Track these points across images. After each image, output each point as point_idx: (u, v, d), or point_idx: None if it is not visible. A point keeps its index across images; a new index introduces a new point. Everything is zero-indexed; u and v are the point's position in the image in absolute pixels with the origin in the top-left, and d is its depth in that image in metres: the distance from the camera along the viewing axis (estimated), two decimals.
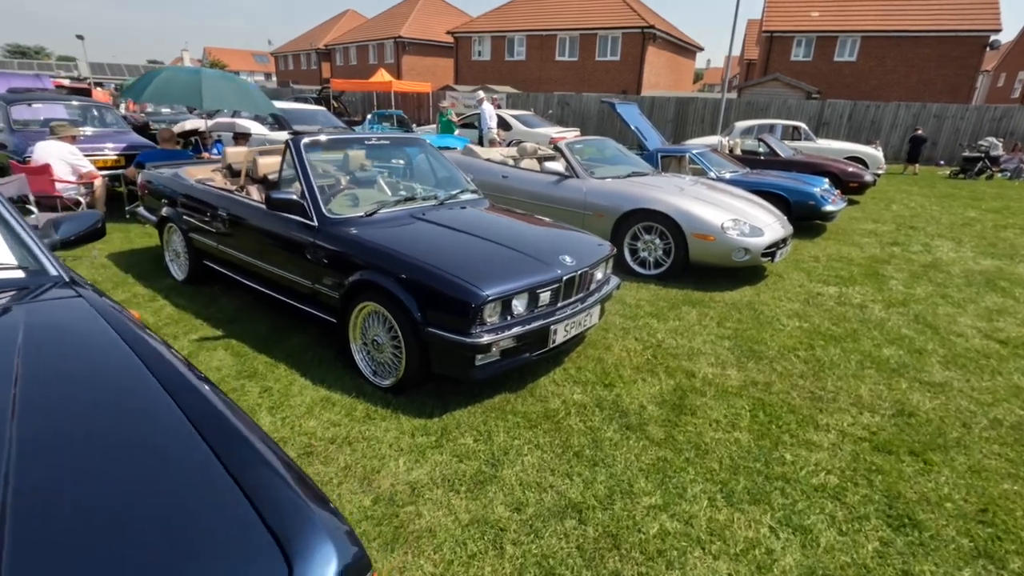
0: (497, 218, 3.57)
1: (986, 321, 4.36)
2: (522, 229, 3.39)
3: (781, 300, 4.68)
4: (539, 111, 20.78)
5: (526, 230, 3.38)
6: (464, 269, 2.70)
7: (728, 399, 3.01)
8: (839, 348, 3.73)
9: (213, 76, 6.21)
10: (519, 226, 3.44)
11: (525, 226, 3.45)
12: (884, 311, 4.51)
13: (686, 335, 3.87)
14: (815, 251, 6.43)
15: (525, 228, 3.41)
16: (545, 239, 3.26)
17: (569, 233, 3.55)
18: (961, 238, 7.32)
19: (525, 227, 3.42)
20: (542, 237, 3.29)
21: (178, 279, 4.52)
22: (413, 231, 3.14)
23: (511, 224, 3.47)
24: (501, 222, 3.49)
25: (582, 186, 5.44)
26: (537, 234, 3.33)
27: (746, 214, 5.02)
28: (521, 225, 3.46)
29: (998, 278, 5.57)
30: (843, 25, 23.31)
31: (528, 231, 3.36)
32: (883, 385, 3.23)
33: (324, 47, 40.64)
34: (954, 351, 3.76)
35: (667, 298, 4.61)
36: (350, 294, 2.96)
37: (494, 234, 3.18)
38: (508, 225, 3.44)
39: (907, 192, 11.47)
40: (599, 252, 3.34)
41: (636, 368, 3.34)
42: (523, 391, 3.02)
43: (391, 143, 4.12)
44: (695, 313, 4.30)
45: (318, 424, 2.64)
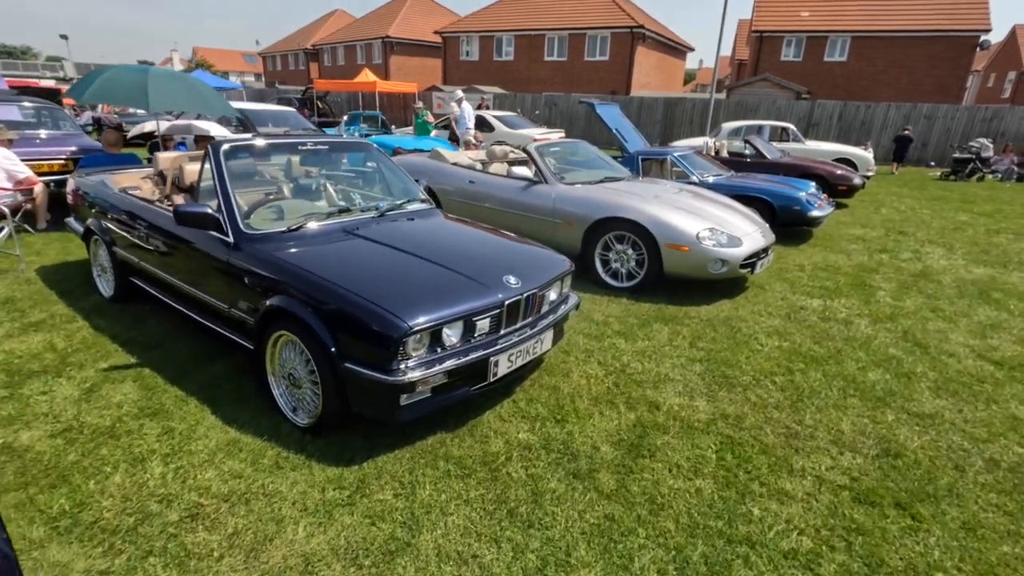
0: (443, 232, 3.22)
1: (979, 338, 4.05)
2: (468, 245, 3.04)
3: (761, 315, 4.35)
4: (526, 112, 20.46)
5: (472, 246, 3.03)
6: (387, 295, 2.35)
7: (694, 437, 2.68)
8: (820, 372, 3.41)
9: (161, 75, 5.84)
10: (466, 242, 3.10)
11: (473, 241, 3.10)
12: (871, 327, 4.20)
13: (654, 358, 3.54)
14: (800, 259, 6.12)
15: (472, 244, 3.06)
16: (492, 257, 2.91)
17: (523, 248, 3.21)
18: (952, 244, 7.03)
19: (472, 243, 3.07)
20: (489, 254, 2.94)
21: (105, 296, 4.15)
22: (339, 249, 2.79)
23: (457, 239, 3.12)
24: (446, 237, 3.15)
25: (551, 192, 5.10)
26: (484, 251, 2.98)
27: (724, 222, 4.70)
28: (468, 240, 3.11)
29: (991, 288, 5.27)
30: (833, 25, 23.13)
31: (475, 247, 3.02)
32: (867, 418, 2.90)
33: (312, 47, 40.18)
34: (945, 374, 3.44)
35: (638, 314, 4.28)
36: (265, 321, 2.61)
37: (433, 251, 2.83)
38: (452, 241, 3.09)
39: (897, 195, 11.21)
40: (553, 270, 3.00)
41: (594, 399, 3.00)
42: (462, 429, 2.67)
43: (333, 148, 3.77)
44: (667, 331, 3.97)
45: (216, 476, 2.28)
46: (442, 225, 3.37)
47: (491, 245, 3.10)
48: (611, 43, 25.14)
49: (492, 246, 3.08)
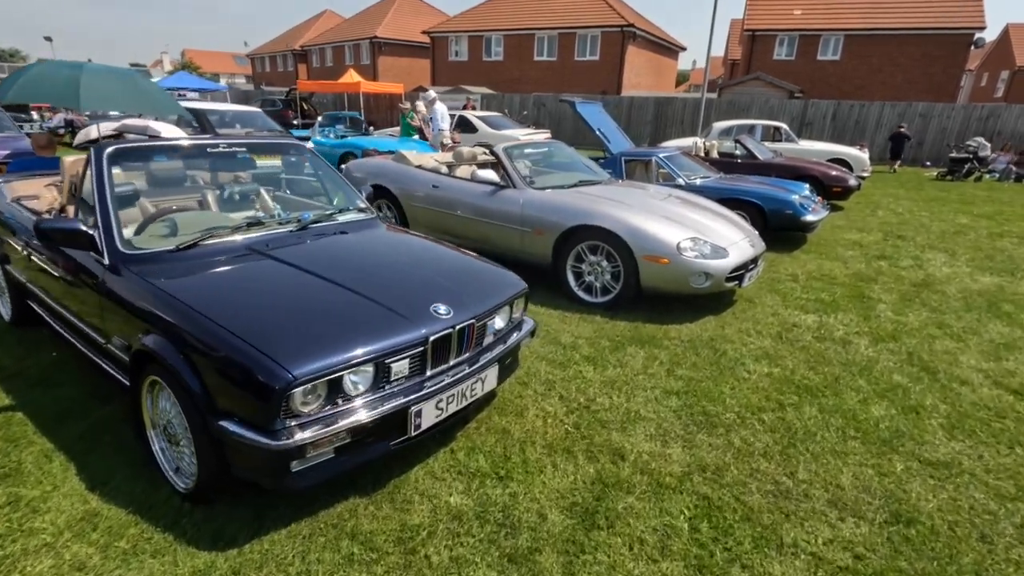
0: (375, 249, 2.74)
1: (993, 360, 3.60)
2: (400, 265, 2.56)
3: (749, 335, 3.89)
4: (514, 112, 20.01)
5: (404, 267, 2.55)
6: (273, 335, 1.87)
7: (663, 498, 2.21)
8: (816, 406, 2.95)
9: (98, 72, 5.33)
10: (398, 261, 2.61)
11: (407, 260, 2.62)
12: (872, 347, 3.75)
13: (625, 390, 3.07)
14: (793, 267, 5.67)
15: (404, 264, 2.58)
16: (426, 279, 2.43)
17: (469, 267, 2.74)
18: (955, 249, 6.60)
19: (406, 262, 2.59)
20: (423, 276, 2.46)
21: (5, 319, 3.66)
22: (233, 274, 2.31)
23: (389, 258, 2.64)
24: (376, 255, 2.66)
25: (519, 198, 4.63)
26: (417, 273, 2.50)
27: (709, 231, 4.24)
28: (402, 259, 2.63)
29: (1000, 299, 4.83)
30: (826, 23, 22.78)
31: (407, 268, 2.54)
32: (871, 467, 2.44)
33: (300, 48, 39.63)
34: (959, 407, 2.99)
35: (612, 334, 3.81)
36: (137, 362, 2.13)
37: (353, 275, 2.36)
38: (382, 260, 2.61)
39: (894, 196, 10.81)
40: (500, 293, 2.53)
41: (549, 446, 2.53)
42: (381, 492, 2.19)
43: (256, 151, 3.28)
44: (642, 356, 3.51)
45: (52, 568, 1.79)
46: (377, 240, 2.89)
47: (429, 264, 2.63)
48: (601, 42, 24.72)
49: (430, 266, 2.60)
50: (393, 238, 2.99)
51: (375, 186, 5.69)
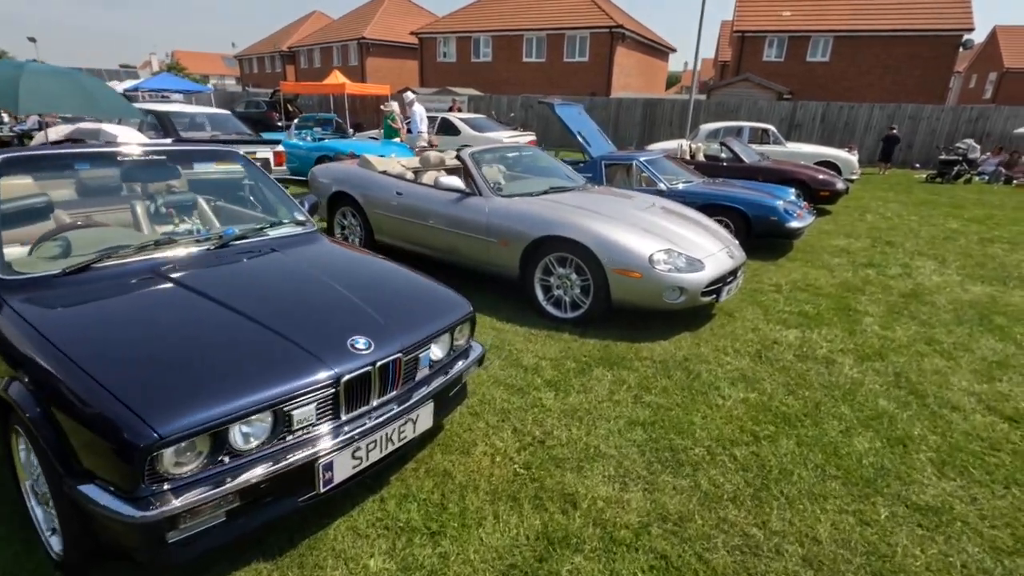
0: (301, 270, 2.45)
1: (986, 381, 3.36)
2: (325, 290, 2.27)
3: (726, 354, 3.63)
4: (502, 114, 19.76)
5: (329, 292, 2.25)
6: (147, 384, 1.58)
7: (615, 558, 1.93)
8: (794, 438, 2.68)
9: (40, 72, 5.02)
10: (326, 284, 2.32)
11: (336, 283, 2.32)
12: (856, 367, 3.49)
13: (587, 420, 2.80)
14: (777, 276, 5.42)
15: (331, 288, 2.28)
16: (350, 307, 2.15)
17: (407, 289, 2.46)
18: (944, 256, 6.39)
19: (333, 285, 2.30)
20: (348, 303, 2.17)
21: None
22: (123, 304, 2.01)
23: (314, 281, 2.34)
24: (299, 278, 2.36)
25: (485, 206, 4.36)
26: (343, 298, 2.21)
27: (684, 241, 3.98)
28: (330, 282, 2.33)
29: (992, 311, 4.60)
30: (815, 25, 22.69)
31: (330, 293, 2.24)
32: (852, 514, 2.18)
33: (288, 49, 39.23)
34: (950, 437, 2.73)
35: (579, 354, 3.54)
36: (1, 409, 1.84)
37: (266, 303, 2.07)
38: (305, 284, 2.31)
39: (883, 199, 10.62)
40: (437, 320, 2.25)
41: (493, 492, 2.25)
42: (290, 555, 1.90)
43: (178, 158, 2.98)
44: (609, 379, 3.23)
45: None
46: (308, 258, 2.60)
47: (362, 287, 2.33)
48: (590, 43, 24.51)
49: (362, 289, 2.31)
50: (329, 255, 2.70)
51: (338, 193, 5.42)
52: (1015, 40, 33.58)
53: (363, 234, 5.34)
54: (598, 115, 19.75)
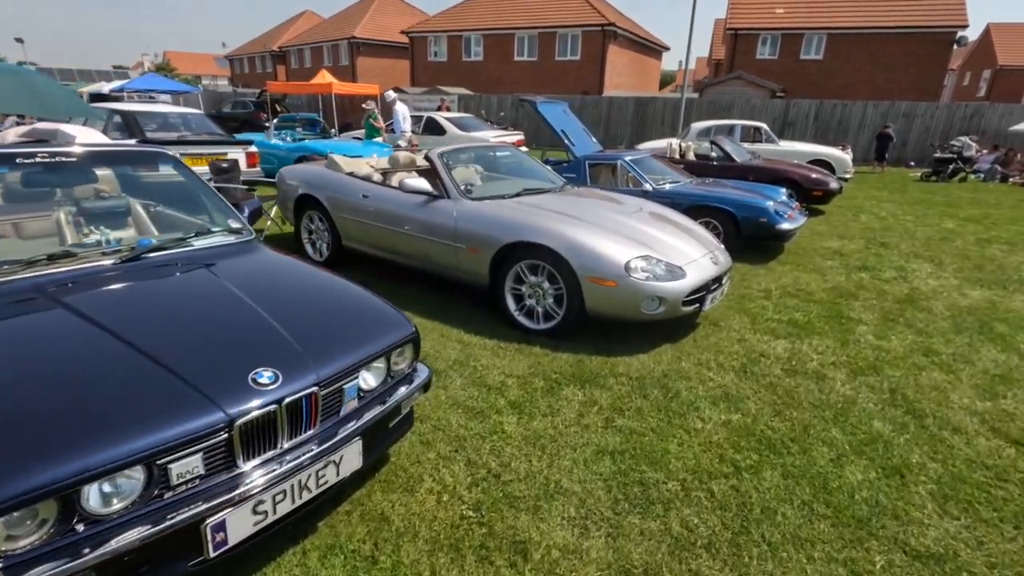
0: (216, 287, 2.15)
1: (989, 398, 3.10)
2: (239, 311, 1.97)
3: (709, 368, 3.36)
4: (492, 113, 19.48)
5: (242, 314, 1.96)
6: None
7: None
8: (779, 469, 2.41)
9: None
10: (241, 304, 2.02)
11: (255, 302, 2.03)
12: (849, 383, 3.23)
13: (550, 449, 2.52)
14: (767, 281, 5.16)
15: (246, 309, 1.99)
16: (262, 331, 1.86)
17: (336, 309, 2.17)
18: (941, 258, 6.14)
19: (251, 305, 2.00)
20: (261, 327, 1.88)
21: None
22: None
23: (227, 301, 2.04)
24: (212, 297, 2.07)
25: (453, 209, 4.07)
26: (257, 321, 1.91)
27: (664, 247, 3.70)
28: (248, 301, 2.04)
29: (993, 318, 4.35)
30: (809, 22, 22.48)
31: (245, 315, 1.95)
32: (843, 564, 1.91)
33: (278, 49, 38.83)
34: (951, 466, 2.47)
35: (550, 371, 3.26)
36: None
37: (164, 330, 1.78)
38: (216, 305, 2.02)
39: (877, 199, 10.38)
40: (370, 344, 1.97)
41: (434, 540, 1.97)
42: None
43: (87, 160, 2.68)
44: (580, 399, 2.96)
45: None
46: (233, 272, 2.31)
47: (284, 307, 2.05)
48: (582, 42, 24.24)
49: (284, 309, 2.02)
50: (260, 269, 2.42)
51: (304, 195, 5.13)
52: (1009, 37, 33.50)
53: (331, 240, 5.06)
54: (589, 114, 19.50)
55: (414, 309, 4.17)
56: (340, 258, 5.07)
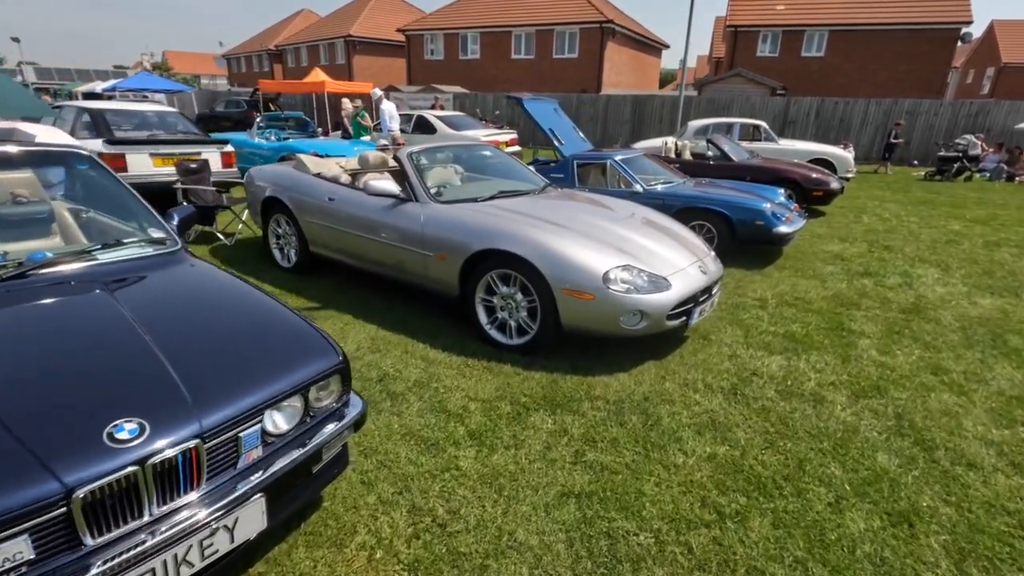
0: (100, 313, 1.82)
1: (1006, 424, 2.78)
2: (117, 345, 1.65)
3: (696, 389, 3.04)
4: (487, 112, 19.16)
5: (123, 347, 1.64)
6: None
7: None
8: (769, 516, 2.10)
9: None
10: (124, 335, 1.69)
11: (141, 333, 1.70)
12: (850, 407, 2.91)
13: (508, 490, 2.21)
14: (763, 288, 4.84)
15: (130, 341, 1.66)
16: (141, 369, 1.55)
17: (253, 335, 1.86)
18: (948, 263, 5.81)
19: (135, 337, 1.68)
20: (144, 362, 1.57)
21: None
22: None
23: (108, 331, 1.72)
24: (86, 328, 1.74)
25: (420, 214, 3.76)
26: (141, 355, 1.60)
27: (648, 255, 3.38)
28: (134, 331, 1.71)
29: (1005, 329, 4.03)
30: (810, 19, 22.10)
31: (125, 350, 1.63)
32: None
33: (275, 48, 38.55)
34: (967, 511, 2.15)
35: (519, 393, 2.95)
36: None
37: (20, 366, 1.48)
38: (94, 336, 1.69)
39: (879, 199, 10.05)
40: (284, 379, 1.66)
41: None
42: None
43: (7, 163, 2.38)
44: (549, 428, 2.65)
45: None
46: (134, 293, 2.00)
47: (184, 337, 1.73)
48: (580, 39, 23.89)
49: (183, 339, 1.71)
50: (172, 287, 2.11)
51: (271, 198, 4.83)
52: (1013, 35, 33.06)
53: (298, 245, 4.75)
54: (586, 112, 19.19)
55: (379, 321, 3.86)
56: (308, 265, 4.77)
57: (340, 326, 3.79)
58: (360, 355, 3.36)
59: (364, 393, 2.92)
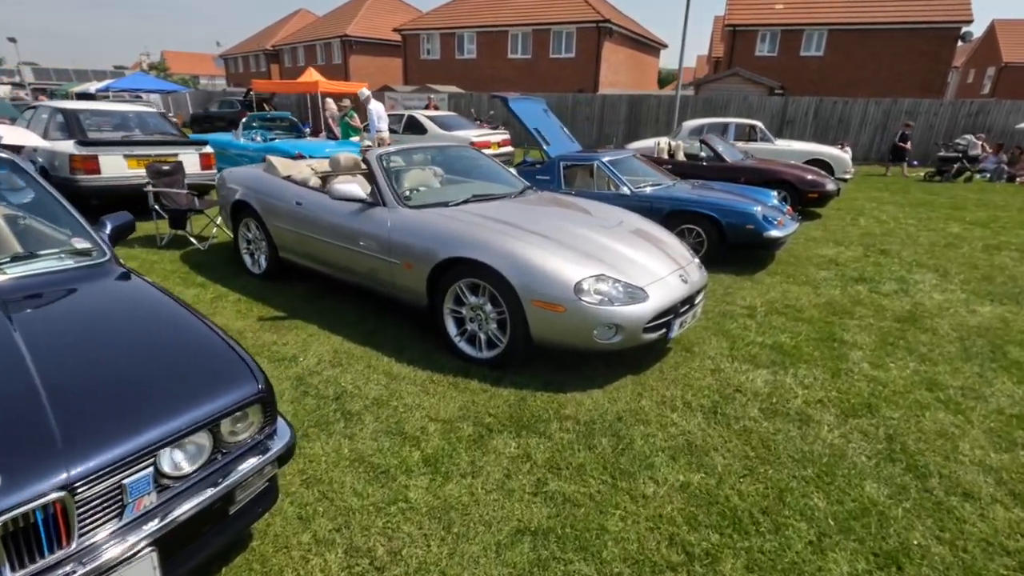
0: (5, 337, 1.65)
1: (1006, 447, 2.58)
2: (14, 374, 1.47)
3: (674, 408, 2.85)
4: (482, 111, 18.98)
5: (4, 380, 1.46)
6: None
7: None
8: (743, 557, 1.90)
9: None
10: (5, 366, 1.52)
11: (28, 364, 1.50)
12: (838, 428, 2.71)
13: (459, 526, 2.01)
14: (752, 295, 4.64)
15: (12, 373, 1.47)
16: (11, 408, 1.36)
17: (160, 361, 1.67)
18: (947, 268, 5.61)
19: (20, 370, 1.49)
20: (18, 402, 1.38)
21: None
22: None
23: (7, 357, 1.55)
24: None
25: (387, 219, 3.57)
26: (18, 393, 1.41)
27: (626, 263, 3.18)
28: (18, 362, 1.53)
29: (1006, 340, 3.83)
30: (809, 18, 21.89)
31: (5, 382, 1.45)
32: None
33: (272, 48, 38.37)
34: (963, 551, 1.95)
35: (483, 412, 2.75)
36: None
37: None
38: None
39: (878, 200, 9.84)
40: (185, 413, 1.46)
41: None
42: None
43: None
44: (512, 452, 2.45)
45: None
46: (41, 313, 1.81)
47: (75, 368, 1.54)
48: (577, 39, 23.69)
49: (75, 370, 1.52)
50: (79, 306, 1.91)
51: (240, 201, 4.64)
52: (1014, 34, 32.83)
53: (268, 251, 4.56)
54: (582, 112, 18.99)
55: (346, 333, 3.67)
56: (278, 271, 4.58)
57: (304, 337, 3.59)
58: (320, 370, 3.17)
59: (317, 413, 2.73)
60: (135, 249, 5.60)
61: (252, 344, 3.48)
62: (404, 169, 4.33)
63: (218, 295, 4.36)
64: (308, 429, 2.59)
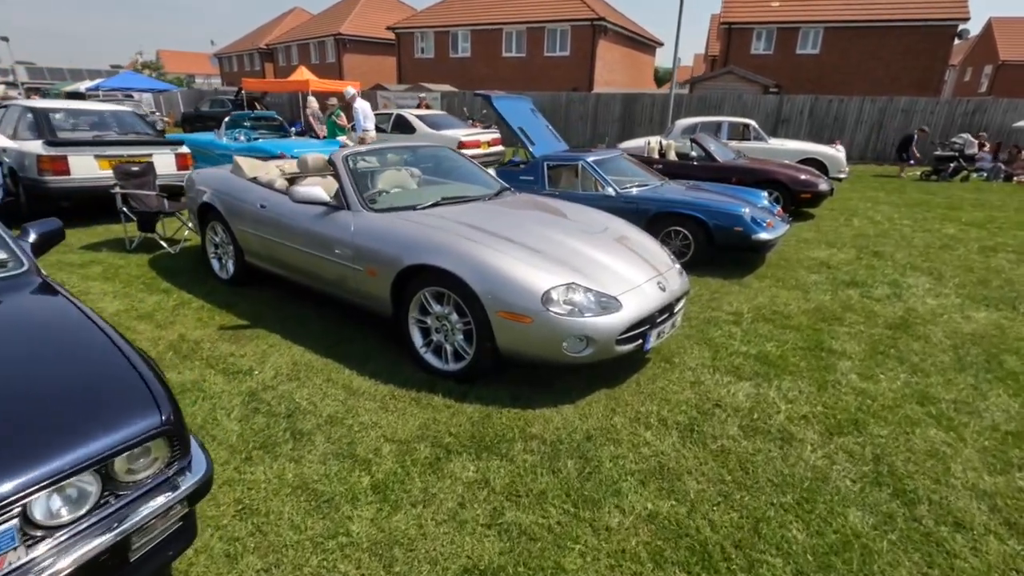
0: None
1: (1000, 469, 2.41)
2: None
3: (648, 426, 2.67)
4: (475, 110, 18.78)
5: None
6: None
7: None
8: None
9: None
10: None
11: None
12: (822, 447, 2.54)
13: (401, 566, 1.83)
14: (739, 300, 4.47)
15: None
16: None
17: (55, 389, 1.49)
18: (941, 271, 5.44)
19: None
20: None
21: None
22: None
23: None
24: None
25: (351, 223, 3.38)
26: None
27: (599, 271, 3.00)
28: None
29: (1001, 348, 3.66)
30: (805, 16, 21.73)
31: None
32: None
33: (266, 47, 38.12)
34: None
35: (444, 432, 2.57)
36: None
37: None
38: None
39: (872, 200, 9.68)
40: (62, 455, 1.28)
41: None
42: None
43: None
44: (469, 476, 2.27)
45: None
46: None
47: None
48: (571, 37, 23.50)
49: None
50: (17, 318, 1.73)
51: (206, 204, 4.45)
52: (1011, 32, 32.72)
53: (235, 255, 4.37)
54: (576, 111, 18.80)
55: (309, 343, 3.48)
56: (245, 276, 4.40)
57: (264, 348, 3.41)
58: (275, 384, 2.99)
59: (265, 433, 2.55)
60: (102, 253, 5.41)
61: (208, 355, 3.29)
62: (378, 170, 4.15)
63: (181, 302, 4.17)
64: (252, 451, 2.41)
